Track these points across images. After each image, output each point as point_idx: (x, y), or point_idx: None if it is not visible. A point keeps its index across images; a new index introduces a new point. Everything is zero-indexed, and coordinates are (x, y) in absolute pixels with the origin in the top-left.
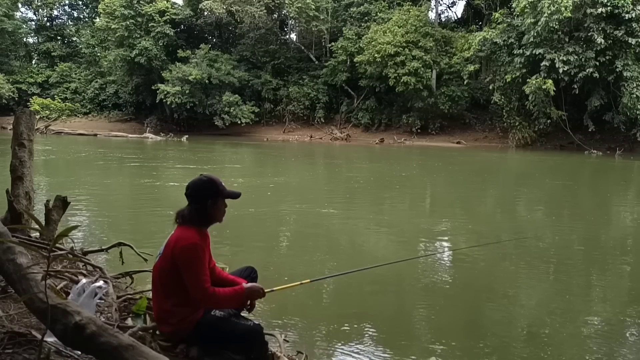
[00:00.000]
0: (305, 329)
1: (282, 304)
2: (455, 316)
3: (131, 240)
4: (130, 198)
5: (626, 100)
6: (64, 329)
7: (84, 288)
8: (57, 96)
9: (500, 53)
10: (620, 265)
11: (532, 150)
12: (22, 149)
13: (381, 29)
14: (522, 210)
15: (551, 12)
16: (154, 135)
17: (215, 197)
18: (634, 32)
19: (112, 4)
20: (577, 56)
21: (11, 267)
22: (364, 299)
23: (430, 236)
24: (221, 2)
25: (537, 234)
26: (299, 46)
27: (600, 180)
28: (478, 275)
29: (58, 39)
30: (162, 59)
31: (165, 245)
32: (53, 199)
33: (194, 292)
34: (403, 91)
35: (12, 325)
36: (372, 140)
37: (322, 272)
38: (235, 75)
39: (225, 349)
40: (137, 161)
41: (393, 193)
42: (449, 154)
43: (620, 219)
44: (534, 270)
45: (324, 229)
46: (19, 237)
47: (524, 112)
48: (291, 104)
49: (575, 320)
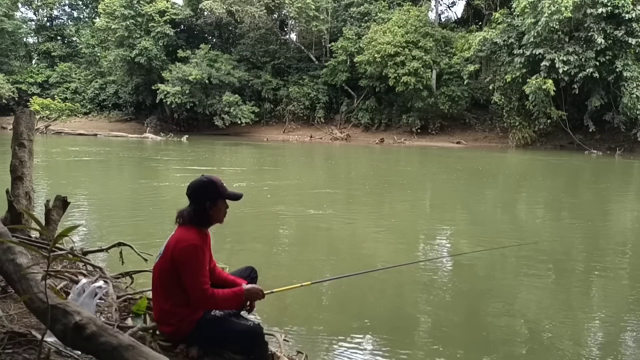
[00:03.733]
0: (305, 329)
1: (282, 304)
2: (455, 319)
3: (131, 240)
4: (130, 198)
5: (626, 100)
6: (64, 329)
7: (84, 288)
8: (57, 96)
9: (500, 53)
10: (623, 268)
11: (532, 150)
12: (22, 149)
13: (381, 29)
14: (522, 211)
15: (551, 12)
16: (154, 135)
17: (215, 198)
18: (634, 32)
19: (112, 4)
20: (577, 56)
21: (11, 267)
22: (364, 299)
23: (431, 239)
24: (221, 2)
25: (539, 238)
26: (299, 46)
27: (601, 180)
28: (480, 279)
29: (58, 39)
30: (162, 59)
31: (165, 246)
32: (53, 199)
33: (192, 293)
34: (403, 91)
35: (12, 325)
36: (372, 140)
37: (322, 273)
38: (235, 75)
39: (225, 349)
40: (137, 161)
41: (394, 194)
42: (449, 154)
43: (623, 221)
44: (537, 274)
45: (324, 230)
46: (19, 237)
47: (524, 112)
48: (291, 104)
49: (578, 324)
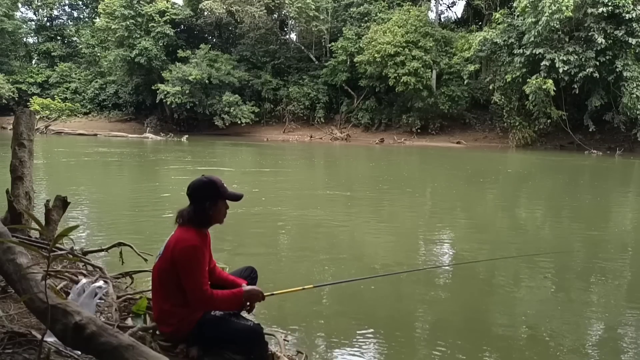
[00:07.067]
0: (305, 329)
1: (282, 304)
2: (456, 321)
3: (131, 240)
4: (130, 198)
5: (626, 100)
6: (64, 329)
7: (84, 288)
8: (57, 96)
9: (500, 53)
10: (627, 269)
11: (532, 150)
12: (22, 149)
13: (381, 29)
14: (523, 213)
15: (552, 12)
16: (154, 135)
17: (215, 198)
18: (634, 32)
19: (112, 4)
20: (577, 56)
21: (11, 267)
22: (364, 300)
23: (432, 242)
24: (221, 2)
25: (540, 242)
26: (299, 46)
27: (601, 180)
28: (480, 281)
29: (58, 39)
30: (162, 59)
31: (165, 246)
32: (53, 199)
33: (192, 294)
34: (403, 91)
35: (12, 325)
36: (372, 140)
37: (323, 275)
38: (235, 75)
39: (225, 349)
40: (137, 161)
41: (394, 194)
42: (449, 154)
43: (625, 223)
44: (538, 277)
45: (324, 231)
46: (19, 237)
47: (524, 112)
48: (291, 104)
49: (584, 335)
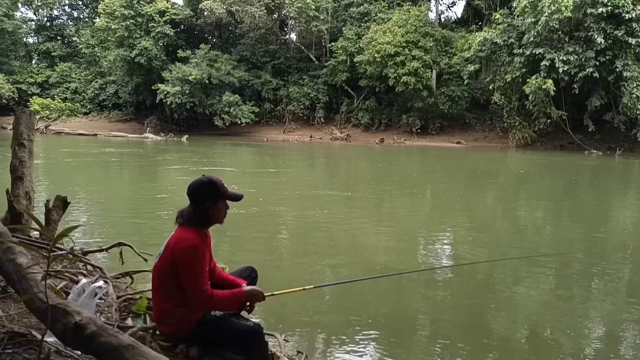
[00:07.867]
0: (305, 329)
1: (282, 304)
2: (456, 321)
3: (131, 240)
4: (130, 198)
5: (626, 100)
6: (64, 329)
7: (84, 288)
8: (57, 96)
9: (500, 53)
10: (626, 270)
11: (532, 150)
12: (22, 149)
13: (381, 29)
14: (523, 213)
15: (552, 12)
16: (154, 135)
17: (215, 198)
18: (634, 32)
19: (112, 4)
20: (577, 56)
21: (11, 267)
22: (364, 300)
23: (432, 242)
24: (221, 2)
25: (540, 243)
26: (299, 46)
27: (602, 180)
28: (480, 282)
29: (58, 39)
30: (162, 59)
31: (165, 246)
32: (53, 199)
33: (192, 295)
34: (403, 91)
35: (12, 325)
36: (372, 140)
37: (322, 275)
38: (235, 75)
39: (225, 349)
40: (137, 161)
41: (394, 194)
42: (449, 154)
43: (626, 222)
44: (539, 277)
45: (324, 231)
46: (19, 237)
47: (524, 112)
48: (291, 104)
49: (585, 337)
